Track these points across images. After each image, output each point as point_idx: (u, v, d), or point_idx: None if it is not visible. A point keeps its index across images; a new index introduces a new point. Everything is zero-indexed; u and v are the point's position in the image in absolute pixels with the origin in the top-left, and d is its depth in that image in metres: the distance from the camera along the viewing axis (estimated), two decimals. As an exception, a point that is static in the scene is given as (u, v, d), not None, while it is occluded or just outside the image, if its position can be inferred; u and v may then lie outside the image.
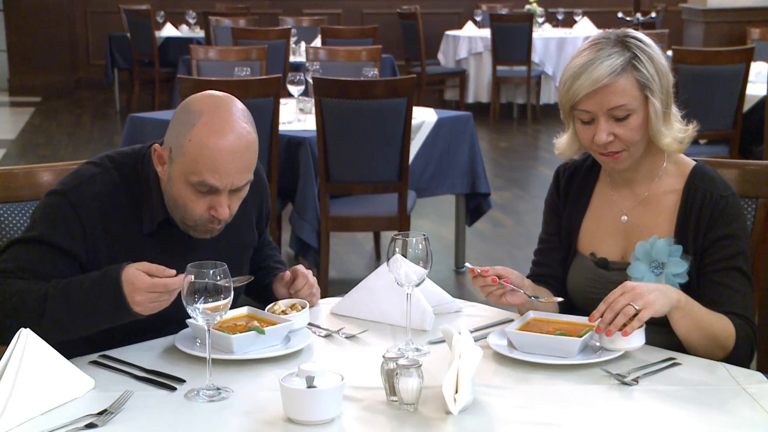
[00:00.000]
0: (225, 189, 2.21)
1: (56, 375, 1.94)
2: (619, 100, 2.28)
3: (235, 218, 2.33)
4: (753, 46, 6.31)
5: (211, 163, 2.17)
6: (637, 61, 2.28)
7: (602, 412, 1.91)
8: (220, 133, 2.18)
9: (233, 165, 2.19)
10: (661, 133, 2.31)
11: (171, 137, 2.24)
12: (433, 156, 5.31)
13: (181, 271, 2.05)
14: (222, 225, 2.28)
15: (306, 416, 1.84)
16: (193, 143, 2.18)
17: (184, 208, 2.24)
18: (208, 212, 2.24)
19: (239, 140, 2.19)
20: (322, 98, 4.66)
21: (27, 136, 10.20)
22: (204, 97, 2.24)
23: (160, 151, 2.27)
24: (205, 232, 2.29)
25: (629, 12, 12.06)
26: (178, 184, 2.23)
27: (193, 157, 2.18)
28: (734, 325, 2.25)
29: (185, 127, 2.20)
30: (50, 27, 12.98)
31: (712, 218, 2.32)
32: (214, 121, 2.18)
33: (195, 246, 2.34)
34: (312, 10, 13.07)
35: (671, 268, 2.32)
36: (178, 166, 2.21)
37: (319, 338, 2.31)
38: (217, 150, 2.17)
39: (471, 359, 1.88)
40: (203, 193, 2.22)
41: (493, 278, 2.28)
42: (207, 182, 2.19)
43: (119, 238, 2.29)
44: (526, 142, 10.28)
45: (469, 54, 11.31)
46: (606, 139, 2.29)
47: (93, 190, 2.28)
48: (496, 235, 6.58)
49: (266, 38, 8.11)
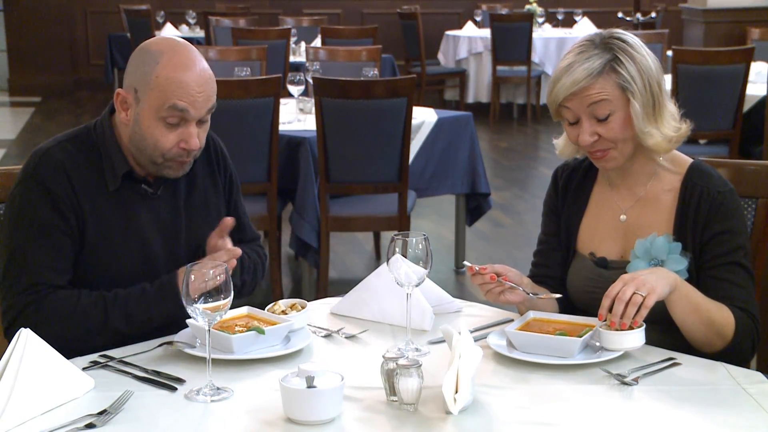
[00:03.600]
0: (194, 118, 2.31)
1: (56, 375, 1.94)
2: (596, 100, 2.30)
3: (199, 179, 2.47)
4: (753, 46, 6.31)
5: (181, 92, 2.28)
6: (617, 62, 2.29)
7: (602, 412, 1.91)
8: (184, 66, 2.30)
9: (201, 93, 2.30)
10: (646, 133, 2.32)
11: (134, 78, 2.32)
12: (433, 156, 5.31)
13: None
14: (191, 158, 2.37)
15: (306, 416, 1.84)
16: (161, 77, 2.28)
17: (155, 145, 2.32)
18: (178, 146, 2.32)
19: (203, 72, 2.32)
20: (322, 98, 4.66)
21: (27, 136, 10.21)
22: (160, 40, 2.37)
23: (124, 95, 2.35)
24: (177, 168, 2.37)
25: (629, 12, 12.06)
26: (148, 121, 2.31)
27: (162, 89, 2.28)
28: (734, 316, 2.25)
29: (149, 66, 2.30)
30: (50, 27, 12.98)
31: (710, 214, 2.32)
32: (177, 56, 2.30)
33: (158, 201, 2.42)
34: (312, 10, 13.07)
35: (671, 266, 2.32)
36: (147, 102, 2.30)
37: (319, 338, 2.31)
38: (185, 80, 2.28)
39: (471, 359, 1.88)
40: (173, 125, 2.31)
41: (491, 276, 2.29)
42: (178, 106, 2.28)
43: (88, 202, 2.35)
44: (526, 142, 10.28)
45: (469, 54, 11.31)
46: (589, 139, 2.32)
47: (54, 162, 2.34)
48: (496, 235, 6.58)
49: (266, 38, 8.10)
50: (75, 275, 2.35)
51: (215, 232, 2.44)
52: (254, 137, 4.70)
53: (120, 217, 2.37)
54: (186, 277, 1.95)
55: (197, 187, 2.49)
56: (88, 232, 2.33)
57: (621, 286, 2.13)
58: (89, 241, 2.34)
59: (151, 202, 2.41)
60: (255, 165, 4.72)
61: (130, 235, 2.38)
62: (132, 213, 2.38)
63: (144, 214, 2.40)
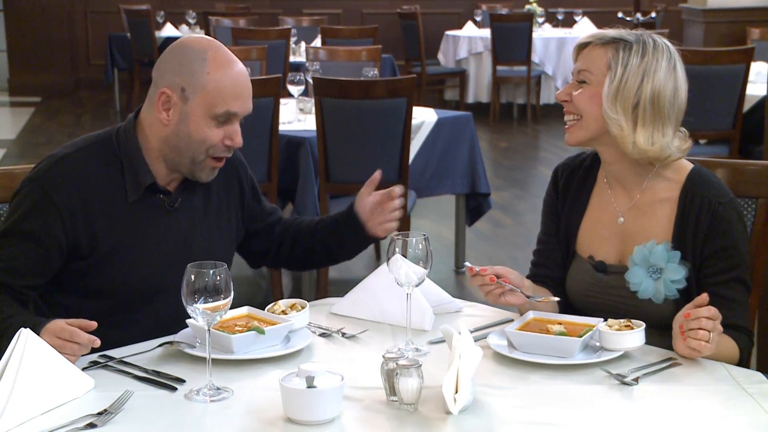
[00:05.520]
0: (242, 115, 2.35)
1: (56, 375, 1.93)
2: (584, 63, 2.35)
3: (216, 192, 2.47)
4: (753, 46, 6.30)
5: (235, 90, 2.32)
6: (626, 47, 2.31)
7: (602, 412, 1.91)
8: (231, 64, 2.34)
9: (249, 90, 2.37)
10: (612, 120, 2.30)
11: (180, 78, 2.32)
12: (433, 156, 5.31)
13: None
14: (224, 160, 2.39)
15: (306, 416, 1.84)
16: (212, 76, 2.30)
17: (202, 141, 2.33)
18: (222, 141, 2.34)
19: (244, 69, 2.38)
20: (322, 98, 4.66)
21: (27, 136, 10.20)
22: (195, 39, 2.39)
23: (170, 93, 2.32)
24: (212, 170, 2.38)
25: (629, 12, 12.06)
26: (198, 119, 2.32)
27: (216, 88, 2.30)
28: (738, 346, 2.27)
29: (197, 64, 2.30)
30: (50, 27, 12.98)
31: (711, 227, 2.31)
32: (221, 55, 2.34)
33: (175, 214, 2.41)
34: (312, 10, 13.07)
35: (669, 274, 2.31)
36: (198, 100, 2.31)
37: (319, 338, 2.31)
38: (236, 78, 2.33)
39: (471, 359, 1.88)
40: (222, 123, 2.33)
41: (491, 277, 2.29)
42: (231, 110, 2.32)
43: (102, 213, 2.33)
44: (526, 142, 10.28)
45: (469, 54, 11.31)
46: (563, 96, 2.39)
47: (66, 170, 2.32)
48: (496, 235, 6.58)
49: (266, 38, 8.10)
50: (85, 284, 2.35)
51: (366, 189, 2.56)
52: (254, 137, 4.70)
53: (136, 230, 2.36)
54: (186, 276, 1.95)
55: (212, 199, 2.48)
56: (98, 243, 2.33)
57: (706, 313, 2.10)
58: (99, 252, 2.33)
59: (168, 214, 2.41)
60: (255, 165, 4.71)
61: (145, 247, 2.37)
62: (149, 224, 2.38)
63: (161, 226, 2.39)
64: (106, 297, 2.37)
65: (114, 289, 2.37)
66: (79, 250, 2.33)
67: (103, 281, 2.36)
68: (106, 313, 2.30)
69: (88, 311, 2.21)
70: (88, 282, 2.36)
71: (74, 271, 2.36)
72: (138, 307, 2.40)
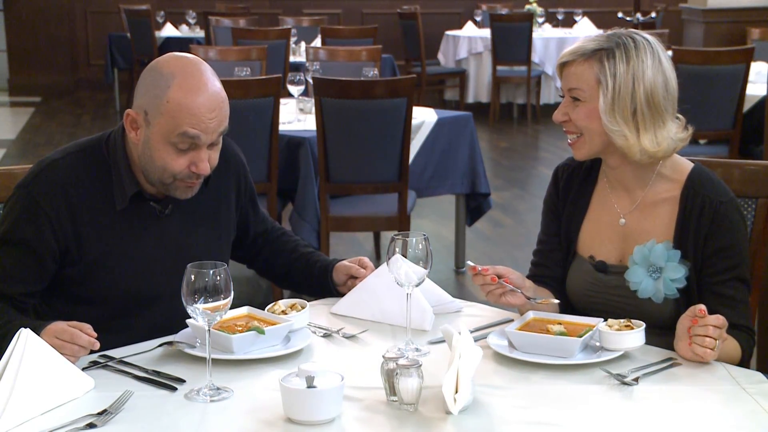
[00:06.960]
0: (205, 144, 2.26)
1: (56, 375, 1.93)
2: (572, 81, 2.33)
3: (211, 195, 2.43)
4: (753, 46, 6.30)
5: (192, 119, 2.23)
6: (608, 55, 2.30)
7: (602, 412, 1.91)
8: (196, 91, 2.23)
9: (213, 119, 2.25)
10: (615, 132, 2.31)
11: (145, 100, 2.27)
12: (433, 156, 5.31)
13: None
14: (201, 180, 2.33)
15: (306, 416, 1.84)
16: (171, 103, 2.23)
17: (163, 168, 2.28)
18: (188, 168, 2.28)
19: (215, 95, 2.26)
20: (322, 98, 4.66)
21: (27, 136, 10.20)
22: (172, 59, 2.29)
23: (134, 116, 2.30)
24: (185, 190, 2.33)
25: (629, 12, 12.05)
26: (157, 145, 2.27)
27: (173, 116, 2.23)
28: (741, 346, 2.27)
29: (159, 89, 2.24)
30: (50, 27, 12.97)
31: (712, 226, 2.32)
32: (188, 81, 2.24)
33: (167, 220, 2.39)
34: (312, 10, 13.06)
35: (669, 273, 2.31)
36: (157, 126, 2.25)
37: (319, 338, 2.31)
38: (195, 107, 2.23)
39: (471, 359, 1.88)
40: (183, 151, 2.26)
41: (492, 277, 2.29)
42: (189, 134, 2.23)
43: (89, 220, 2.32)
44: (526, 142, 10.28)
45: (469, 54, 11.31)
46: (560, 117, 2.37)
47: (54, 177, 2.31)
48: (496, 235, 6.58)
49: (266, 38, 8.10)
50: (78, 290, 2.35)
51: (343, 273, 2.53)
52: (254, 137, 4.70)
53: (126, 237, 2.35)
54: (186, 276, 1.95)
55: (207, 202, 2.45)
56: (86, 250, 2.31)
57: (715, 322, 2.10)
58: (88, 259, 2.32)
59: (159, 222, 2.39)
60: (255, 165, 4.71)
61: (137, 253, 2.36)
62: (139, 232, 2.36)
63: (152, 233, 2.38)
64: (101, 303, 2.36)
65: (108, 296, 2.36)
66: (69, 256, 2.32)
67: (96, 288, 2.35)
68: (102, 318, 2.27)
69: (84, 317, 2.20)
70: (82, 288, 2.35)
71: (67, 278, 2.35)
72: (134, 312, 2.39)
